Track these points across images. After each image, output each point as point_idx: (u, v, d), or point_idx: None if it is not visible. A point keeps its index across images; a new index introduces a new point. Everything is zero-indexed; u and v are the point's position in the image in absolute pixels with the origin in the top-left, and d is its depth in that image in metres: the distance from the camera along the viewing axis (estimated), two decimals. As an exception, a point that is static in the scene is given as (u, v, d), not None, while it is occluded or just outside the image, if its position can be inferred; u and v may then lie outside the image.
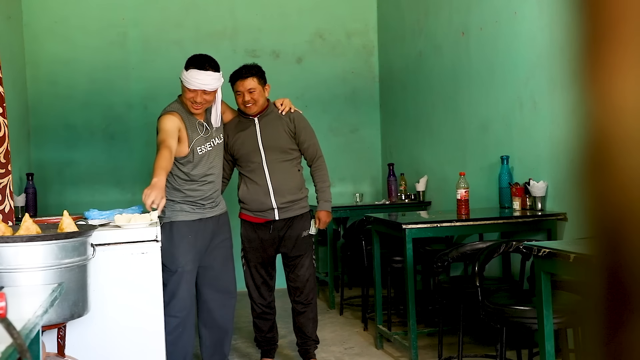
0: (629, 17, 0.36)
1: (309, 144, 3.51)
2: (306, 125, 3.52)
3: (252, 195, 3.43)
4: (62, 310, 2.17)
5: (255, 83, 3.40)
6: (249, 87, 3.38)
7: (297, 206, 3.48)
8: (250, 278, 3.55)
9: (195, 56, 3.20)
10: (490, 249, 2.97)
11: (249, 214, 3.50)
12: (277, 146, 3.44)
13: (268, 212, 3.44)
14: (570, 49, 0.39)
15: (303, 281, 3.52)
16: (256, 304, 3.57)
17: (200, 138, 3.21)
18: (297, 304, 3.56)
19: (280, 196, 3.42)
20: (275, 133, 3.44)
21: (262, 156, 3.42)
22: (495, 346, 2.89)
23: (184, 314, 3.16)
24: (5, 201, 2.78)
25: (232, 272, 3.42)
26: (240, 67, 3.46)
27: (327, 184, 3.55)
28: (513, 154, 3.96)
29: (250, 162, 3.44)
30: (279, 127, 3.45)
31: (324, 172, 3.54)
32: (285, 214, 3.46)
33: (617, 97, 0.37)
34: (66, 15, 5.42)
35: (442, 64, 4.90)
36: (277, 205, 3.42)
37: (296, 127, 3.47)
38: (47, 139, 5.37)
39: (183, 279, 3.15)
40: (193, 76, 3.10)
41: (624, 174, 0.37)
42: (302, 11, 5.98)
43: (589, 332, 0.39)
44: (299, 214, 3.50)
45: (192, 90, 3.12)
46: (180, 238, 3.13)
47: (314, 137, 3.55)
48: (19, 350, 1.22)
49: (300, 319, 3.56)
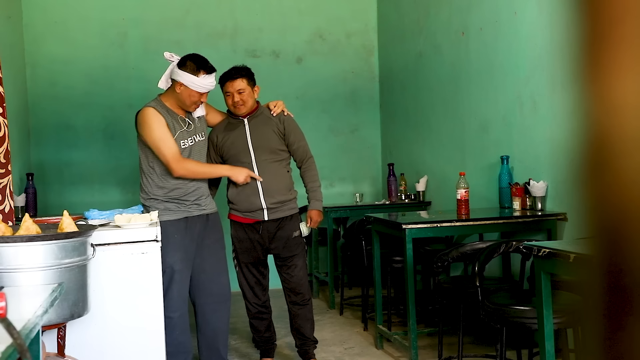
0: (629, 18, 0.36)
1: (298, 145, 3.52)
2: (295, 127, 3.53)
3: (242, 196, 3.43)
4: (62, 310, 2.17)
5: (244, 84, 3.41)
6: (238, 88, 3.40)
7: (286, 207, 3.48)
8: (244, 278, 3.55)
9: (197, 58, 3.18)
10: (490, 249, 2.97)
11: (239, 215, 3.50)
12: (267, 147, 3.44)
13: (257, 212, 3.44)
14: (570, 49, 0.39)
15: (297, 281, 3.51)
16: (251, 304, 3.57)
17: (183, 132, 3.20)
18: (293, 305, 3.56)
19: (270, 196, 3.42)
20: (265, 134, 3.45)
21: (252, 156, 3.43)
22: (495, 346, 2.89)
23: (177, 315, 3.13)
24: (5, 201, 2.78)
25: (226, 274, 3.38)
26: (229, 69, 3.48)
27: (318, 184, 3.56)
28: (513, 154, 3.96)
29: (240, 163, 3.43)
30: (269, 128, 3.46)
31: (314, 172, 3.55)
32: (275, 214, 3.45)
33: (617, 97, 0.37)
34: (66, 15, 5.42)
35: (442, 64, 4.90)
36: (267, 206, 3.43)
37: (285, 128, 3.49)
38: (47, 139, 5.37)
39: (173, 279, 3.12)
40: (207, 81, 3.14)
41: (623, 174, 0.37)
42: (302, 11, 5.98)
43: (589, 332, 0.39)
44: (289, 214, 3.50)
45: (200, 93, 3.15)
46: (166, 238, 3.06)
47: (303, 138, 3.56)
48: (19, 350, 1.22)
49: (298, 320, 3.56)
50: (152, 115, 3.12)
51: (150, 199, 3.17)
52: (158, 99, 3.23)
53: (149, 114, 3.12)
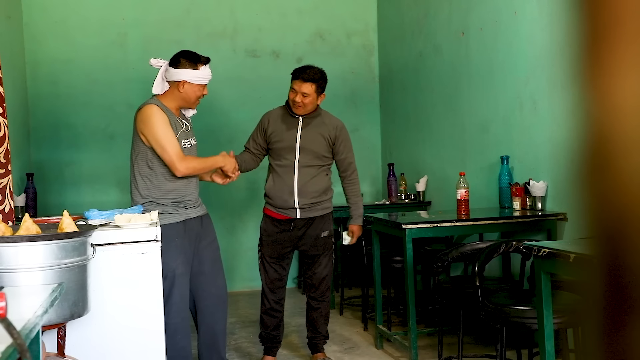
0: (629, 17, 0.36)
1: (345, 156, 3.61)
2: (347, 139, 3.63)
3: (277, 192, 3.50)
4: (62, 310, 2.17)
5: (311, 90, 3.45)
6: (304, 91, 3.45)
7: (319, 207, 3.55)
8: (264, 271, 3.61)
9: (189, 54, 3.19)
10: (490, 249, 2.97)
11: (273, 210, 3.56)
12: (313, 150, 3.50)
13: (290, 210, 3.50)
14: (570, 49, 0.39)
15: (319, 279, 3.60)
16: (267, 299, 3.61)
17: (182, 132, 3.20)
18: (311, 299, 3.65)
19: (304, 197, 3.49)
20: (315, 137, 3.51)
21: (296, 155, 3.49)
22: (495, 346, 2.89)
23: (178, 320, 3.10)
24: (5, 201, 2.78)
25: (223, 275, 3.37)
26: (306, 66, 3.53)
27: (360, 198, 3.68)
28: (513, 154, 3.96)
29: (283, 158, 3.50)
30: (320, 133, 3.52)
31: (357, 187, 3.66)
32: (307, 213, 3.52)
33: (617, 97, 0.37)
34: (66, 15, 5.42)
35: (442, 64, 4.90)
36: (299, 205, 3.49)
37: (337, 137, 3.57)
38: (47, 139, 5.37)
39: (175, 284, 3.08)
40: (207, 72, 3.16)
41: (624, 174, 0.37)
42: (302, 11, 5.98)
43: (589, 332, 0.39)
44: (321, 214, 3.56)
45: (203, 85, 3.17)
46: (167, 242, 3.00)
47: (351, 151, 3.65)
48: (19, 350, 1.22)
49: (313, 314, 3.65)
50: (156, 112, 3.08)
51: (148, 202, 3.10)
52: (156, 98, 3.18)
53: (153, 111, 3.08)
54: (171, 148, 3.05)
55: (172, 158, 3.05)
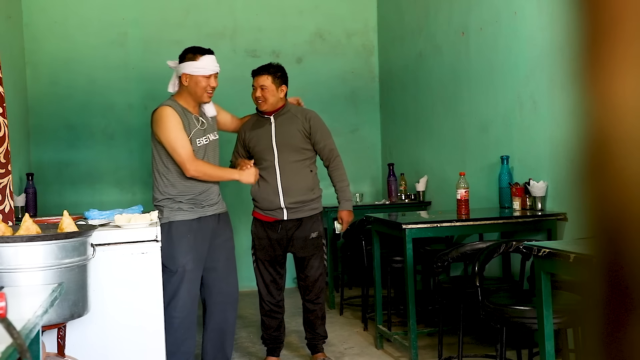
0: (629, 17, 0.36)
1: (325, 144, 3.55)
2: (321, 126, 3.57)
3: (262, 194, 3.49)
4: (62, 310, 2.17)
5: (268, 81, 3.45)
6: (261, 83, 3.46)
7: (307, 207, 3.52)
8: (260, 275, 3.60)
9: (192, 48, 3.25)
10: (490, 249, 2.97)
11: (260, 212, 3.55)
12: (291, 145, 3.48)
13: (277, 211, 3.49)
14: (570, 49, 0.39)
15: (312, 281, 3.58)
16: (264, 302, 3.61)
17: (198, 130, 3.22)
18: (306, 302, 3.65)
19: (289, 196, 3.46)
20: (290, 132, 3.49)
21: (275, 155, 3.47)
22: (495, 346, 2.89)
23: (184, 314, 3.14)
24: (5, 201, 2.78)
25: (235, 274, 3.41)
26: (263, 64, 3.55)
27: (346, 183, 3.61)
28: (513, 154, 3.96)
29: (264, 160, 3.49)
30: (294, 127, 3.51)
31: (341, 171, 3.60)
32: (294, 214, 3.50)
33: (617, 97, 0.37)
34: (66, 15, 5.42)
35: (442, 64, 4.90)
36: (286, 205, 3.47)
37: (311, 127, 3.52)
38: (47, 139, 5.37)
39: (184, 279, 3.13)
40: (208, 62, 3.18)
41: (624, 174, 0.37)
42: (302, 11, 5.98)
43: (589, 332, 0.39)
44: (309, 215, 3.53)
45: (208, 76, 3.17)
46: (179, 238, 3.12)
47: (329, 137, 3.59)
48: (19, 350, 1.22)
49: (310, 316, 3.65)
50: (169, 113, 3.13)
51: (165, 199, 3.17)
52: (172, 98, 3.25)
53: (166, 113, 3.14)
54: (181, 149, 3.11)
55: (182, 159, 3.12)
